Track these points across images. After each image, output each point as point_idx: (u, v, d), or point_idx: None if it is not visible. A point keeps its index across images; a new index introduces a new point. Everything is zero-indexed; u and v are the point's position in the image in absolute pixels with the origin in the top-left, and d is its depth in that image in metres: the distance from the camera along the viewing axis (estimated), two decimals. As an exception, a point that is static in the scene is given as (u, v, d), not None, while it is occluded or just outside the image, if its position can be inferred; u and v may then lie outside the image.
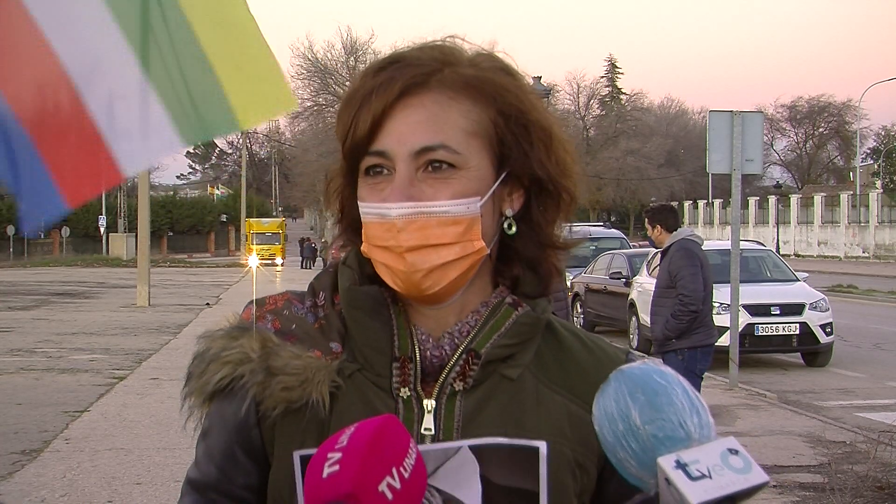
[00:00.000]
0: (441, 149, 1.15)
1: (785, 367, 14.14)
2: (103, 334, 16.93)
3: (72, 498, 6.58)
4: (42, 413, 9.51)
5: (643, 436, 0.99)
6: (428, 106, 1.16)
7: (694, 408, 1.01)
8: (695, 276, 7.32)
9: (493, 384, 1.20)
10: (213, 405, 1.23)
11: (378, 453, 1.00)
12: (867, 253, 52.53)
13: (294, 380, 1.16)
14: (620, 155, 70.75)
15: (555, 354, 1.25)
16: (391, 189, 1.15)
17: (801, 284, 14.93)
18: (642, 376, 1.03)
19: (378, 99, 1.15)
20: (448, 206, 1.15)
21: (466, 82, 1.17)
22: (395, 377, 1.19)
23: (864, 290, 28.14)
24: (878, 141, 74.15)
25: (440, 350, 1.20)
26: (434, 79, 1.17)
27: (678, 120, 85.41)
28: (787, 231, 58.09)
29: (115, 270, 42.59)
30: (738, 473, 0.96)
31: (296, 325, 1.23)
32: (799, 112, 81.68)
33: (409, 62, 1.17)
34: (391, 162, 1.16)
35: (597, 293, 17.99)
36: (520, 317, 1.21)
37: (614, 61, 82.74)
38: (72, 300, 25.24)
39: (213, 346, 1.22)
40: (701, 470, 0.96)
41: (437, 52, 1.19)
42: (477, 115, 1.18)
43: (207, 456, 1.25)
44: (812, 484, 7.02)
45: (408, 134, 1.15)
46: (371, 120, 1.15)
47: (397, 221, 1.14)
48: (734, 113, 10.97)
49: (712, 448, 0.99)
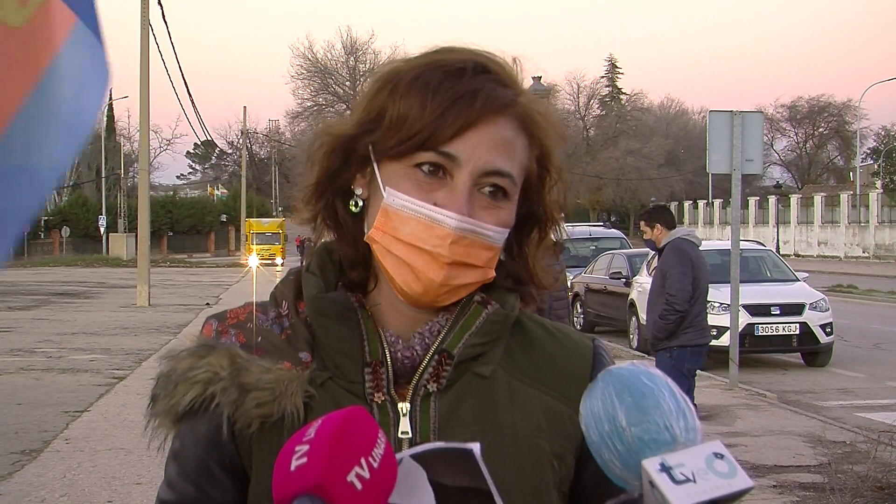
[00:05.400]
0: (509, 178, 1.16)
1: (785, 367, 14.15)
2: (103, 334, 16.93)
3: (72, 498, 6.58)
4: (42, 413, 9.51)
5: (629, 437, 0.99)
6: (505, 132, 1.16)
7: (681, 411, 1.00)
8: (683, 276, 7.29)
9: (466, 383, 1.20)
10: (183, 425, 1.19)
11: (345, 444, 0.99)
12: (867, 253, 52.52)
13: (267, 394, 1.14)
14: (620, 155, 70.71)
15: (524, 348, 1.25)
16: (449, 196, 1.14)
17: (801, 284, 14.93)
18: (630, 377, 1.03)
19: (480, 107, 1.13)
20: (493, 232, 1.16)
21: (527, 118, 1.18)
22: (367, 383, 1.17)
23: (864, 291, 28.13)
24: (878, 141, 74.13)
25: (411, 351, 1.19)
26: (511, 105, 1.17)
27: (678, 120, 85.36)
28: (787, 231, 58.08)
29: (115, 270, 42.60)
30: (723, 478, 0.96)
31: (262, 337, 1.20)
32: (799, 112, 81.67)
33: (496, 77, 1.17)
34: (453, 168, 1.14)
35: (597, 293, 18.00)
36: (490, 315, 1.21)
37: (614, 61, 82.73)
38: (72, 300, 25.25)
39: (178, 367, 1.18)
40: (685, 474, 0.96)
41: (514, 75, 1.20)
42: (529, 153, 1.20)
43: (182, 475, 1.22)
44: (812, 484, 7.02)
45: (486, 151, 1.14)
46: (459, 127, 1.13)
47: (454, 232, 1.13)
48: (734, 113, 10.97)
49: (698, 452, 0.98)
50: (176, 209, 74.96)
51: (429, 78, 1.15)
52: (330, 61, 74.52)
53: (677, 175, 74.84)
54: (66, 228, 60.99)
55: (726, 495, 0.95)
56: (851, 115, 75.04)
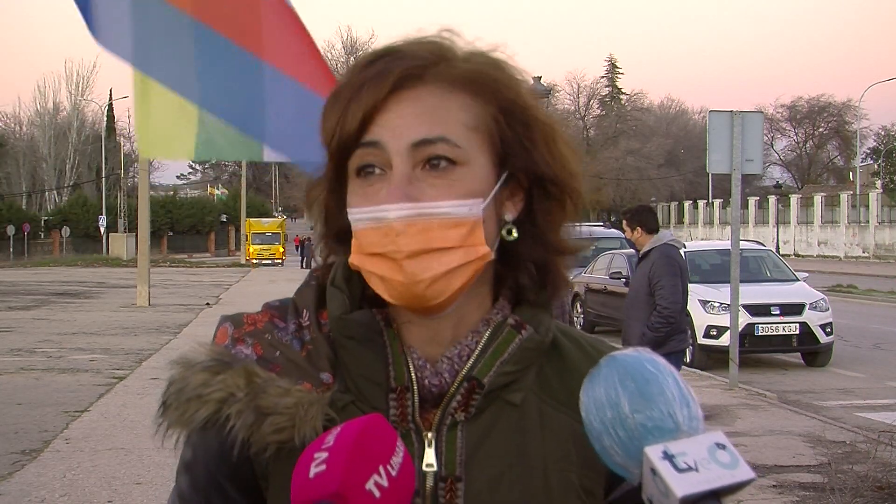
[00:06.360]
0: (441, 142, 1.06)
1: (785, 367, 14.14)
2: (103, 334, 16.93)
3: (72, 498, 6.58)
4: (42, 413, 9.51)
5: (631, 424, 0.98)
6: (424, 98, 1.07)
7: (684, 399, 1.00)
8: (675, 287, 7.06)
9: (495, 412, 1.13)
10: (195, 435, 1.13)
11: (364, 452, 0.99)
12: (867, 253, 52.53)
13: (285, 420, 1.07)
14: (620, 155, 70.76)
15: (557, 371, 1.18)
16: (388, 189, 1.05)
17: (801, 284, 14.94)
18: (634, 364, 1.01)
19: (369, 91, 1.06)
20: (450, 206, 1.06)
21: (465, 76, 1.09)
22: (392, 409, 1.11)
23: (864, 290, 28.13)
24: (878, 141, 74.11)
25: (439, 378, 1.11)
26: (430, 72, 1.08)
27: (678, 120, 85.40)
28: (787, 231, 58.10)
29: (115, 270, 42.58)
30: (725, 468, 0.94)
31: (280, 352, 1.13)
32: (799, 112, 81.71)
33: (403, 54, 1.08)
34: (385, 157, 1.06)
35: (597, 293, 18.01)
36: (524, 341, 1.13)
37: (614, 61, 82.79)
38: (72, 300, 25.24)
39: (191, 381, 1.10)
40: (688, 462, 0.94)
41: (432, 45, 1.10)
42: (477, 110, 1.09)
43: (194, 488, 1.17)
44: (812, 484, 7.02)
45: (403, 127, 1.06)
46: (362, 113, 1.06)
47: (396, 224, 1.04)
48: (734, 113, 10.97)
49: (700, 441, 0.97)
50: (176, 209, 74.99)
51: (340, 84, 1.11)
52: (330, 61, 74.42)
53: (677, 175, 74.87)
54: (66, 228, 61.03)
55: (728, 485, 0.94)
56: (851, 115, 75.10)
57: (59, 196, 74.43)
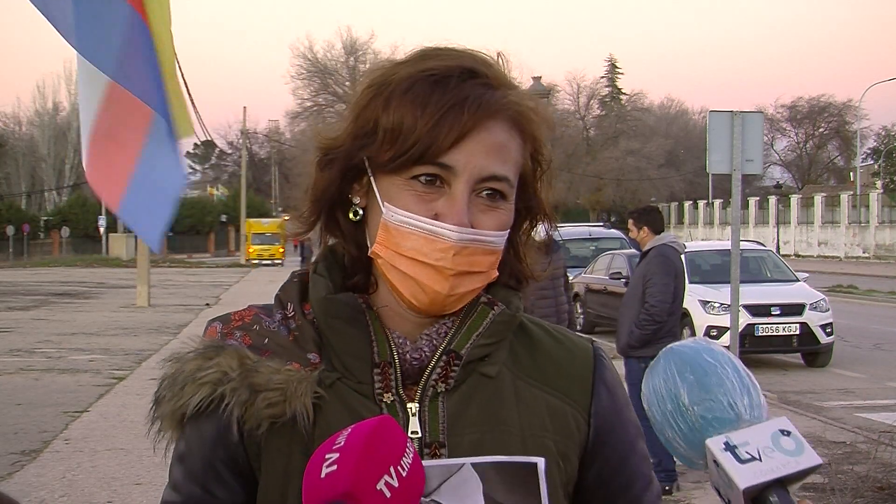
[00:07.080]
0: (505, 181, 1.16)
1: (785, 368, 14.14)
2: (103, 334, 16.93)
3: (71, 498, 6.58)
4: (42, 413, 9.51)
5: (692, 416, 0.97)
6: (499, 135, 1.16)
7: (745, 388, 0.98)
8: (666, 286, 7.01)
9: (473, 383, 1.21)
10: (188, 427, 1.19)
11: (375, 452, 1.01)
12: (867, 253, 52.52)
13: (278, 395, 1.14)
14: (620, 155, 70.68)
15: (527, 349, 1.27)
16: (451, 208, 1.14)
17: (801, 285, 14.94)
18: (692, 354, 1.00)
19: (472, 115, 1.13)
20: (494, 237, 1.17)
21: (520, 117, 1.18)
22: (376, 383, 1.18)
23: (865, 291, 28.13)
24: (879, 141, 74.00)
25: (419, 352, 1.20)
26: (504, 107, 1.17)
27: (678, 120, 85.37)
28: (787, 231, 58.08)
29: (114, 271, 42.58)
30: (790, 456, 0.93)
31: (268, 339, 1.20)
32: (799, 112, 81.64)
33: (488, 81, 1.17)
34: (450, 177, 1.14)
35: (597, 293, 18.01)
36: (496, 315, 1.22)
37: (614, 61, 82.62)
38: (71, 300, 25.25)
39: (185, 368, 1.17)
40: (750, 452, 0.94)
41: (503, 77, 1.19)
42: (523, 152, 1.20)
43: (188, 477, 1.21)
44: (812, 484, 7.01)
45: (480, 157, 1.14)
46: (456, 135, 1.12)
47: (456, 245, 1.14)
48: (734, 113, 10.96)
49: (763, 429, 0.95)
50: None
51: (419, 89, 1.15)
52: (330, 61, 74.54)
53: (677, 175, 74.86)
54: (65, 228, 60.98)
55: (793, 473, 0.93)
56: (851, 115, 75.06)
57: (58, 196, 74.43)
